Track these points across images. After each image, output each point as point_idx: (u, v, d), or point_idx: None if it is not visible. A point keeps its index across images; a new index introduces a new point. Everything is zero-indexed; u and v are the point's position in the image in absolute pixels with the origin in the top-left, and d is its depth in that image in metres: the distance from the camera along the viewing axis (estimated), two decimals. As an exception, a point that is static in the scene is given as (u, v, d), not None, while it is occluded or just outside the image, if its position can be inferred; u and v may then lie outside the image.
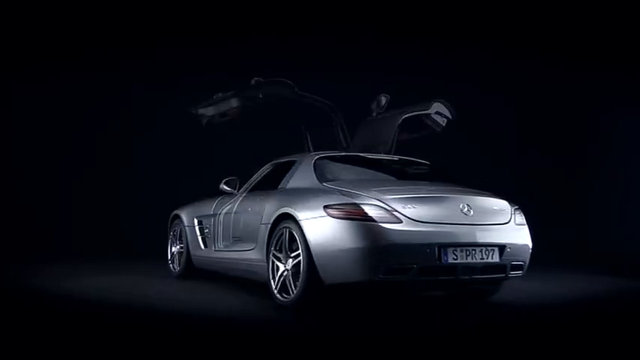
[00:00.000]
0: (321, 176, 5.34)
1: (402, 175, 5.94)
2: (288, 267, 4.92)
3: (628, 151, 10.63)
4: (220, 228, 6.37)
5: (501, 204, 5.12)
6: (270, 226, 5.19)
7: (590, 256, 9.17)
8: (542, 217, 8.52)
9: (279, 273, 5.01)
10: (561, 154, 11.01)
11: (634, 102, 10.37)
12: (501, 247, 4.79)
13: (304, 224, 4.74)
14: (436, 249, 4.52)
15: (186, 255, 6.99)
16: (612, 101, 10.64)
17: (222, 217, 6.38)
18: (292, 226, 4.88)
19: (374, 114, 6.99)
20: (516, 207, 5.23)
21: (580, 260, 8.97)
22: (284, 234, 4.99)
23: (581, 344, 3.97)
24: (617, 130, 10.77)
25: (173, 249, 7.43)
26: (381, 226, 4.48)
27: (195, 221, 6.90)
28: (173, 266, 7.38)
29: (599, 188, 10.63)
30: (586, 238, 9.71)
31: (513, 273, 4.96)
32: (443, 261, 4.54)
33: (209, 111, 6.48)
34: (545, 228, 7.88)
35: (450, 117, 7.00)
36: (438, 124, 6.99)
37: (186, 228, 7.05)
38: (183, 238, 7.12)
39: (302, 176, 5.49)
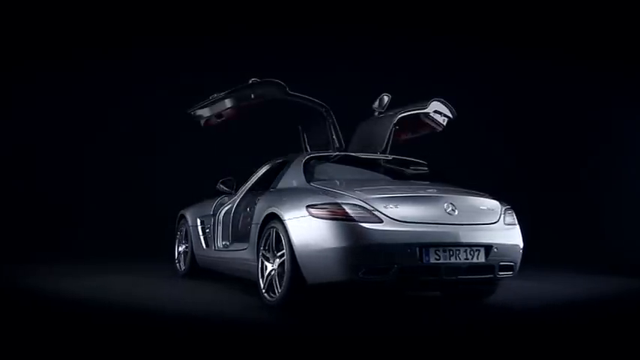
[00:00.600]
0: (309, 176, 5.34)
1: (393, 174, 5.91)
2: (275, 266, 4.94)
3: (628, 151, 10.45)
4: (219, 228, 6.46)
5: (490, 204, 5.02)
6: (259, 225, 5.22)
7: (590, 256, 9.03)
8: (541, 218, 8.47)
9: (267, 273, 5.03)
10: (561, 154, 10.86)
11: (634, 102, 10.18)
12: (487, 248, 4.70)
13: (288, 224, 4.75)
14: (417, 249, 4.47)
15: (191, 254, 7.08)
16: (612, 101, 10.47)
17: (220, 216, 6.47)
18: (278, 226, 4.90)
19: (376, 113, 6.91)
20: (508, 207, 5.13)
21: (580, 260, 8.83)
22: (271, 234, 5.01)
23: (581, 344, 3.93)
24: (617, 130, 10.58)
25: (179, 248, 7.53)
26: (362, 226, 4.45)
27: (198, 221, 6.99)
28: (179, 265, 7.48)
29: (599, 188, 10.44)
30: (586, 239, 9.56)
31: (502, 273, 4.85)
32: (424, 261, 4.48)
33: (205, 112, 6.51)
34: (544, 228, 7.82)
35: (451, 116, 6.94)
36: (438, 123, 6.92)
37: (191, 228, 7.14)
38: (188, 238, 7.22)
39: (291, 176, 5.50)
